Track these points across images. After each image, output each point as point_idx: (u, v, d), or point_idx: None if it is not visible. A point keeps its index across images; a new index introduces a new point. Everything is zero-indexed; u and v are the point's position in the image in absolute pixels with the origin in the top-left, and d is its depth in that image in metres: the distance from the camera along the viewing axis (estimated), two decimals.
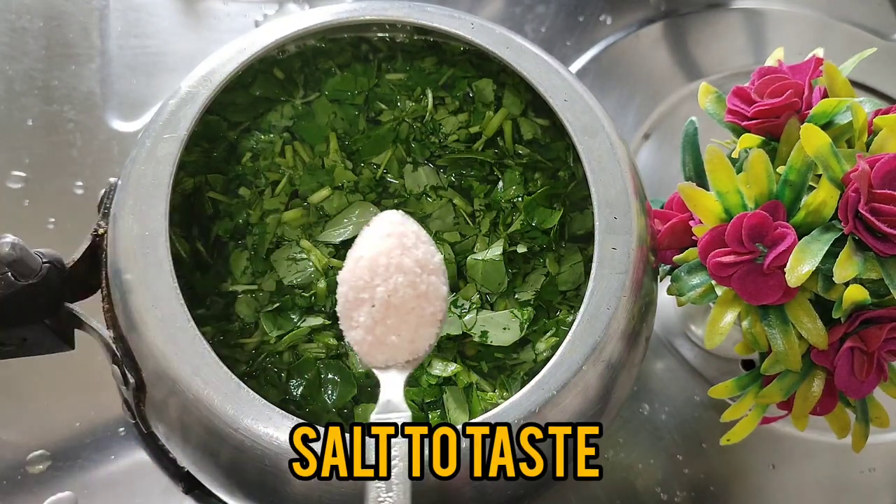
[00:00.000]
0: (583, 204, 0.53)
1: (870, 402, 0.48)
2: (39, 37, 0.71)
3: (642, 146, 0.72)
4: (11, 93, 0.68)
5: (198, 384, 0.41)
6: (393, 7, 0.52)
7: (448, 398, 0.47)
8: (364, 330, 0.41)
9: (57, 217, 0.63)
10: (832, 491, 0.60)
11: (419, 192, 0.54)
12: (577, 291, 0.51)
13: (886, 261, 0.41)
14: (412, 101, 0.55)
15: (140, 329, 0.42)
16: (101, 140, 0.67)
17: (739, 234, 0.42)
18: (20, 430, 0.56)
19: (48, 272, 0.45)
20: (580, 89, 0.50)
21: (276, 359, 0.48)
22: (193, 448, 0.43)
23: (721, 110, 0.49)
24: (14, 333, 0.46)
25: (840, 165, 0.42)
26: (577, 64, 0.75)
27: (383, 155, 0.54)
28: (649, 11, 0.79)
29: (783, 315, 0.44)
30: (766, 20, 0.79)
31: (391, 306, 0.41)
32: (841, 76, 0.47)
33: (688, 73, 0.76)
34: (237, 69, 0.49)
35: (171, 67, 0.71)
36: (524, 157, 0.54)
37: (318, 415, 0.47)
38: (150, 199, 0.44)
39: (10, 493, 0.54)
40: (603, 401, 0.44)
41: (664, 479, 0.59)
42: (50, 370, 0.57)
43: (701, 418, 0.61)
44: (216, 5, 0.75)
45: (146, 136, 0.47)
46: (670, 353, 0.64)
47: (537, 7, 0.78)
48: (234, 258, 0.51)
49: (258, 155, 0.54)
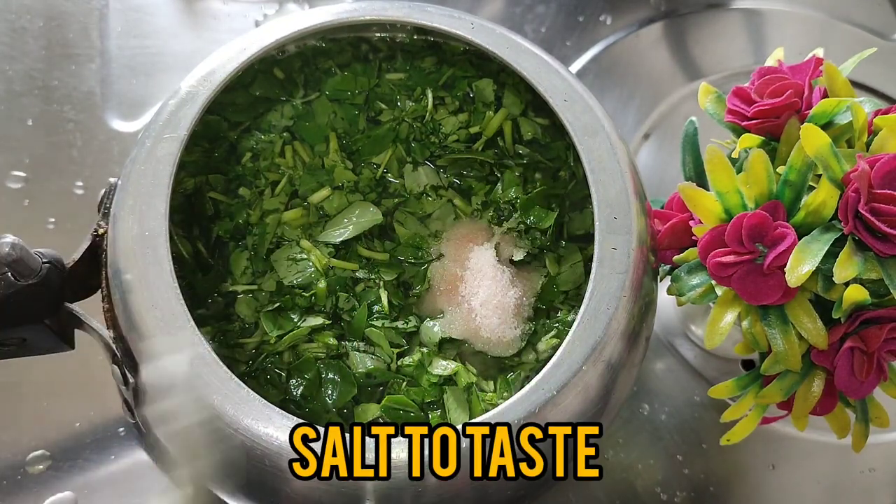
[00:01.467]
0: (582, 204, 0.53)
1: (870, 402, 0.48)
2: (39, 37, 0.71)
3: (642, 146, 0.72)
4: (11, 93, 0.68)
5: (198, 384, 0.41)
6: (393, 7, 0.52)
7: (448, 398, 0.47)
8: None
9: (57, 217, 0.63)
10: (832, 491, 0.60)
11: (419, 192, 0.54)
12: (577, 291, 0.52)
13: (886, 261, 0.41)
14: (412, 101, 0.56)
15: (140, 329, 0.42)
16: (101, 140, 0.67)
17: (739, 234, 0.42)
18: (20, 430, 0.56)
19: (48, 272, 0.45)
20: (580, 89, 0.50)
21: (276, 359, 0.48)
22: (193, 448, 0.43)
23: (721, 110, 0.49)
24: (14, 333, 0.46)
25: (840, 165, 0.42)
26: (577, 64, 0.75)
27: (383, 155, 0.54)
28: (649, 11, 0.79)
29: (783, 315, 0.44)
30: (766, 20, 0.79)
31: None
32: (841, 76, 0.47)
33: (688, 73, 0.76)
34: (237, 69, 0.49)
35: (171, 67, 0.71)
36: (524, 157, 0.55)
37: (318, 415, 0.47)
38: (150, 199, 0.44)
39: (10, 493, 0.54)
40: (603, 401, 0.44)
41: (664, 479, 0.59)
42: (50, 370, 0.57)
43: (701, 418, 0.61)
44: (216, 5, 0.75)
45: (146, 136, 0.47)
46: (670, 353, 0.64)
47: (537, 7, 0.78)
48: (235, 258, 0.51)
49: (258, 155, 0.54)
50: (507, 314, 0.50)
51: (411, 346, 0.50)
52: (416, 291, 0.51)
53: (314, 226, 0.52)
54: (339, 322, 0.50)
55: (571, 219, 0.53)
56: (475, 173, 0.54)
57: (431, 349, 0.49)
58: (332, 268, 0.50)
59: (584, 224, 0.53)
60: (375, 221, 0.51)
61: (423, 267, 0.51)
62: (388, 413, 0.47)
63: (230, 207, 0.52)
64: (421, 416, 0.47)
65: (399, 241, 0.52)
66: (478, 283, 0.51)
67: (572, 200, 0.54)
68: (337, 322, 0.50)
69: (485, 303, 0.50)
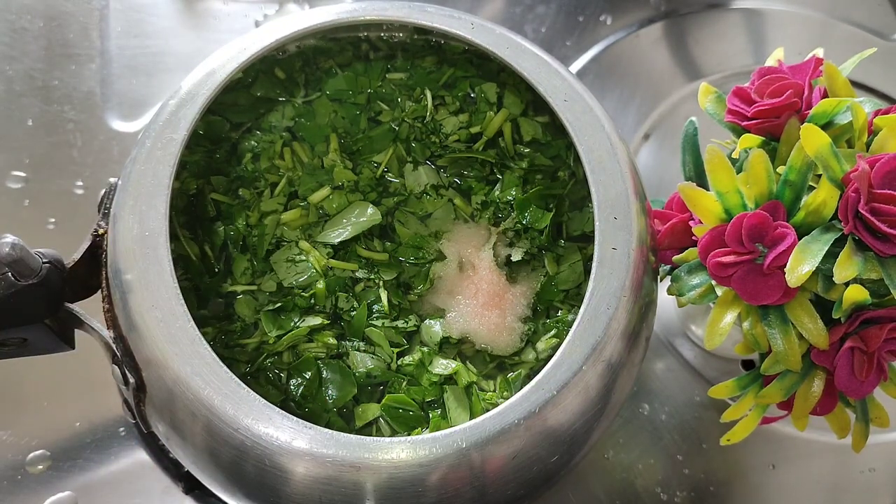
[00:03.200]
0: (582, 203, 0.53)
1: (870, 402, 0.48)
2: (39, 37, 0.71)
3: (642, 146, 0.72)
4: (11, 93, 0.68)
5: (198, 384, 0.41)
6: (393, 7, 0.52)
7: (448, 397, 0.47)
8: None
9: (57, 217, 0.63)
10: (832, 491, 0.60)
11: (420, 192, 0.54)
12: (577, 290, 0.52)
13: (886, 261, 0.41)
14: (412, 101, 0.56)
15: (140, 329, 0.42)
16: (101, 140, 0.67)
17: (739, 234, 0.42)
18: (20, 430, 0.56)
19: (48, 272, 0.45)
20: (580, 89, 0.50)
21: (276, 359, 0.48)
22: (193, 448, 0.43)
23: (721, 110, 0.49)
24: (14, 333, 0.46)
25: (840, 165, 0.42)
26: (577, 64, 0.75)
27: (383, 154, 0.54)
28: (649, 11, 0.79)
29: (783, 315, 0.44)
30: (766, 20, 0.79)
31: None
32: (841, 76, 0.47)
33: (688, 73, 0.76)
34: (237, 69, 0.49)
35: (171, 67, 0.71)
36: (525, 157, 0.55)
37: (318, 414, 0.47)
38: (150, 199, 0.44)
39: (10, 493, 0.54)
40: (603, 401, 0.44)
41: (664, 479, 0.59)
42: (50, 370, 0.57)
43: (701, 418, 0.61)
44: (216, 5, 0.75)
45: (146, 136, 0.47)
46: (670, 353, 0.64)
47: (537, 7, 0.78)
48: (235, 259, 0.51)
49: (258, 156, 0.54)
50: (506, 313, 0.50)
51: (412, 346, 0.50)
52: (417, 291, 0.51)
53: (314, 226, 0.52)
54: (339, 322, 0.50)
55: (571, 218, 0.53)
56: (475, 173, 0.54)
57: (432, 348, 0.49)
58: (332, 268, 0.50)
59: (584, 224, 0.53)
60: (374, 222, 0.51)
61: (425, 267, 0.51)
62: (389, 412, 0.47)
63: (231, 208, 0.52)
64: (421, 416, 0.47)
65: (400, 242, 0.52)
66: (478, 283, 0.51)
67: (572, 200, 0.54)
68: (337, 322, 0.50)
69: (485, 302, 0.50)
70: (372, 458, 0.40)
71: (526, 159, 0.54)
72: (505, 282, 0.51)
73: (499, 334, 0.49)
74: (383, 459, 0.40)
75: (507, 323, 0.50)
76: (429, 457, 0.40)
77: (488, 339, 0.49)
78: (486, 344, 0.49)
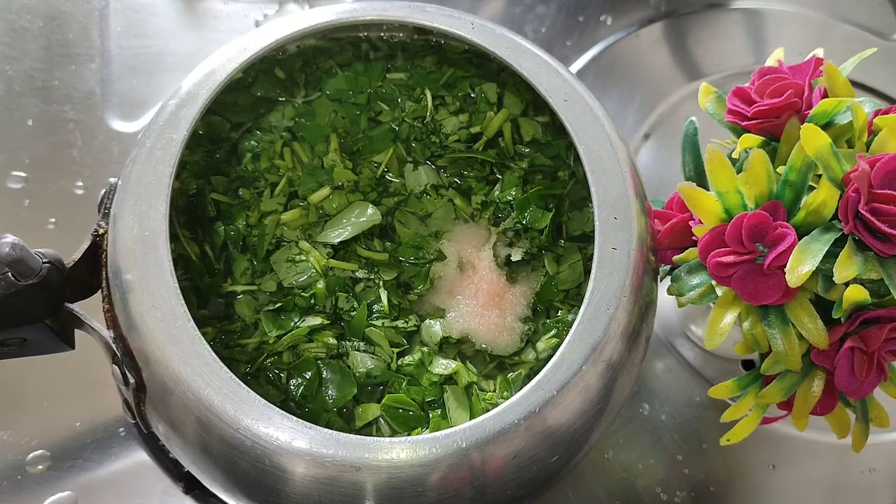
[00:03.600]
0: (582, 203, 0.53)
1: (870, 402, 0.48)
2: (39, 37, 0.71)
3: (642, 146, 0.72)
4: (11, 93, 0.68)
5: (198, 384, 0.41)
6: (393, 7, 0.52)
7: (448, 397, 0.47)
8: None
9: (57, 217, 0.63)
10: (832, 491, 0.60)
11: (420, 192, 0.54)
12: (577, 290, 0.52)
13: (886, 261, 0.41)
14: (412, 101, 0.56)
15: (140, 329, 0.42)
16: (101, 140, 0.67)
17: (739, 234, 0.42)
18: (20, 430, 0.56)
19: (48, 272, 0.45)
20: (580, 89, 0.50)
21: (276, 359, 0.48)
22: (193, 448, 0.43)
23: (721, 110, 0.49)
24: (14, 333, 0.46)
25: (840, 165, 0.42)
26: (577, 64, 0.75)
27: (384, 154, 0.54)
28: (649, 11, 0.79)
29: (783, 315, 0.44)
30: (766, 20, 0.79)
31: None
32: (841, 76, 0.47)
33: (688, 73, 0.76)
34: (238, 69, 0.49)
35: (171, 67, 0.71)
36: (525, 157, 0.55)
37: (318, 415, 0.47)
38: (150, 199, 0.44)
39: (10, 493, 0.54)
40: (603, 401, 0.44)
41: (664, 479, 0.59)
42: (50, 370, 0.57)
43: (701, 418, 0.61)
44: (216, 5, 0.75)
45: (146, 136, 0.47)
46: (670, 353, 0.64)
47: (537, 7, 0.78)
48: (235, 259, 0.51)
49: (258, 156, 0.54)
50: (506, 313, 0.50)
51: (412, 346, 0.50)
52: (417, 291, 0.51)
53: (314, 226, 0.52)
54: (339, 322, 0.50)
55: (571, 218, 0.53)
56: (475, 173, 0.54)
57: (432, 348, 0.49)
58: (332, 268, 0.50)
59: (584, 224, 0.53)
60: (374, 222, 0.51)
61: (425, 267, 0.51)
62: (389, 412, 0.47)
63: (231, 209, 0.52)
64: (421, 416, 0.47)
65: (400, 242, 0.52)
66: (478, 283, 0.51)
67: (572, 200, 0.54)
68: (337, 322, 0.50)
69: (485, 302, 0.50)
70: (372, 458, 0.40)
71: (526, 159, 0.54)
72: (505, 282, 0.51)
73: (499, 334, 0.49)
74: (383, 459, 0.40)
75: (507, 323, 0.50)
76: (429, 457, 0.40)
77: (488, 338, 0.49)
78: (486, 344, 0.49)
